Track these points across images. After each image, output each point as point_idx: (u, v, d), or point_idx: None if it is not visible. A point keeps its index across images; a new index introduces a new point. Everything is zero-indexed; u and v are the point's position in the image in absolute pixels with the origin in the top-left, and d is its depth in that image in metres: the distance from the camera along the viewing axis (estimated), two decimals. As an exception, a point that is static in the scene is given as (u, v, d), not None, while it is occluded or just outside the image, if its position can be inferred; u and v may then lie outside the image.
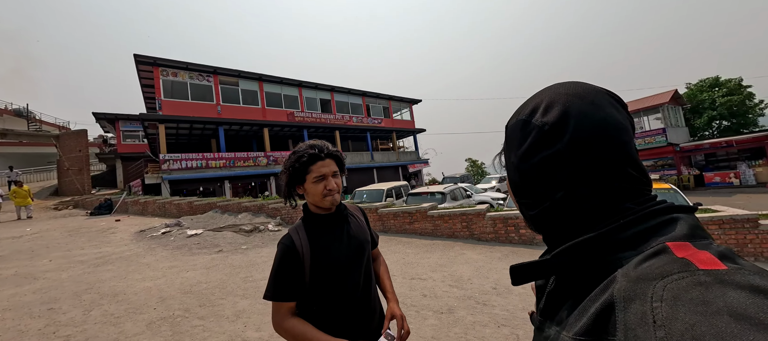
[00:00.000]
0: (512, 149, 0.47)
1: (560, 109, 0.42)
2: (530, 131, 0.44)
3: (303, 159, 1.06)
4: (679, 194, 6.49)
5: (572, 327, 0.34)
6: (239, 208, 9.65)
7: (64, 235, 8.26)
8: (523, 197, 0.48)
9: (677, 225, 0.35)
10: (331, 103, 21.32)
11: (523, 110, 0.47)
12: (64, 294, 4.00)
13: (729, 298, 0.24)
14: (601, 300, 0.32)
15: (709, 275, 0.27)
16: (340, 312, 1.06)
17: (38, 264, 5.46)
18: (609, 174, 0.40)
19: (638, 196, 0.40)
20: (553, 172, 0.41)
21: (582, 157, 0.40)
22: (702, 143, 16.55)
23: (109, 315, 3.32)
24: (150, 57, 14.34)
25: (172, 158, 14.07)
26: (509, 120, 0.50)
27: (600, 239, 0.37)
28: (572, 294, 0.38)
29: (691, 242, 0.32)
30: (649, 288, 0.28)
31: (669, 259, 0.30)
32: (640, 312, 0.27)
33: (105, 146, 24.40)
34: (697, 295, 0.25)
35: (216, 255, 5.78)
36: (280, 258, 1.02)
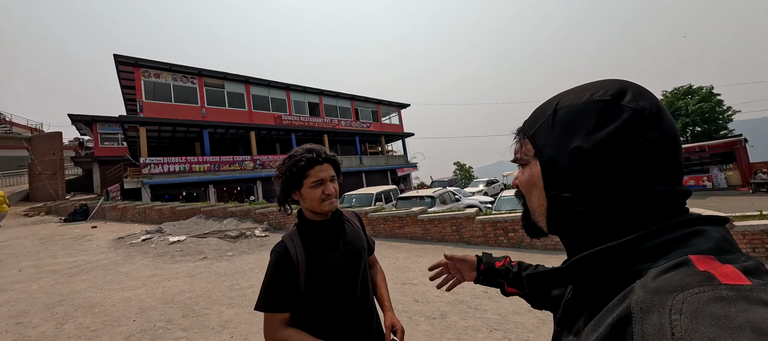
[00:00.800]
0: (578, 131, 0.39)
1: (653, 99, 0.39)
2: (620, 113, 0.37)
3: (301, 163, 1.02)
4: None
5: (588, 337, 0.34)
6: (225, 213, 9.40)
7: (36, 243, 7.81)
8: (573, 190, 0.40)
9: (702, 238, 0.34)
10: (320, 106, 21.18)
11: (595, 92, 0.40)
12: (35, 306, 3.76)
13: (752, 315, 0.23)
14: (618, 311, 0.31)
15: (733, 290, 0.26)
16: (337, 321, 1.02)
17: (6, 275, 5.13)
18: (677, 177, 0.39)
19: (680, 204, 0.39)
20: (638, 164, 0.36)
21: (669, 154, 0.37)
22: (677, 147, 17.34)
23: (84, 329, 3.13)
24: (131, 58, 13.88)
25: (154, 162, 13.59)
26: (560, 102, 0.43)
27: (621, 249, 0.36)
28: (589, 304, 0.37)
29: (716, 256, 0.31)
30: (669, 300, 0.27)
31: (690, 272, 0.30)
32: (658, 324, 0.26)
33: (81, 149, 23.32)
34: (718, 310, 0.25)
35: (200, 263, 5.59)
36: (274, 267, 0.98)
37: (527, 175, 0.46)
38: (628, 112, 0.37)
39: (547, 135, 0.43)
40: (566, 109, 0.42)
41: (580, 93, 0.42)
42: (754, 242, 4.15)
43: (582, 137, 0.39)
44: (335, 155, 1.12)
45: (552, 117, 0.43)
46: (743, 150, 15.20)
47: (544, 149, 0.43)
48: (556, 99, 0.44)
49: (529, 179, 0.45)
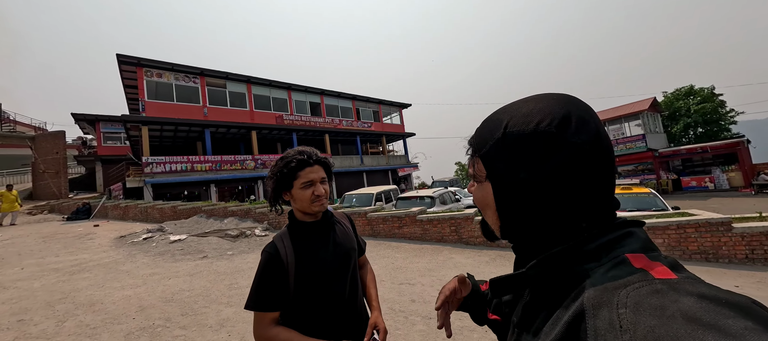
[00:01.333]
0: (523, 162, 0.41)
1: (593, 125, 0.41)
2: (561, 147, 0.39)
3: (291, 164, 1.05)
4: (658, 198, 6.72)
5: (547, 336, 0.36)
6: (225, 213, 9.44)
7: (38, 241, 7.88)
8: (521, 214, 0.43)
9: (633, 238, 0.39)
10: (321, 106, 21.21)
11: (540, 120, 0.41)
12: (36, 304, 3.81)
13: (681, 304, 0.27)
14: (572, 308, 0.34)
15: (664, 284, 0.31)
16: (326, 320, 1.04)
17: (8, 273, 5.19)
18: (609, 190, 0.42)
19: (611, 212, 0.43)
20: (575, 190, 0.39)
21: (602, 174, 0.40)
22: (679, 148, 17.23)
23: (84, 326, 3.17)
24: (134, 57, 13.96)
25: (156, 161, 13.66)
26: (510, 124, 0.43)
27: (570, 251, 0.39)
28: (546, 305, 0.40)
29: (646, 254, 0.36)
30: (615, 296, 0.31)
31: (629, 270, 0.34)
32: (608, 318, 0.30)
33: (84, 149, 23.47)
34: (655, 301, 0.28)
35: (200, 262, 5.63)
36: (263, 267, 1.00)
37: (481, 195, 0.48)
38: (571, 148, 0.39)
39: (497, 159, 0.44)
40: (515, 135, 0.42)
41: (527, 117, 0.42)
42: (753, 243, 4.14)
43: (530, 168, 0.40)
44: (327, 158, 1.14)
45: (501, 140, 0.43)
46: (745, 151, 15.11)
47: (494, 173, 0.45)
48: (504, 119, 0.44)
49: (483, 199, 0.48)
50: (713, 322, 0.25)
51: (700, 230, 4.43)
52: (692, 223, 4.47)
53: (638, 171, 17.76)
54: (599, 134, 0.41)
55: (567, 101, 0.43)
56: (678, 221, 4.56)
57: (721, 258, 4.30)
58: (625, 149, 17.77)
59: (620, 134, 18.71)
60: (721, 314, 0.25)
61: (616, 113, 18.77)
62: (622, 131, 18.66)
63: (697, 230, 4.45)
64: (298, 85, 19.74)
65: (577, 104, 0.43)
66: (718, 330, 0.24)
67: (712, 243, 4.35)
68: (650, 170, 17.29)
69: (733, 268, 4.11)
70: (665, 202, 6.59)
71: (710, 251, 4.36)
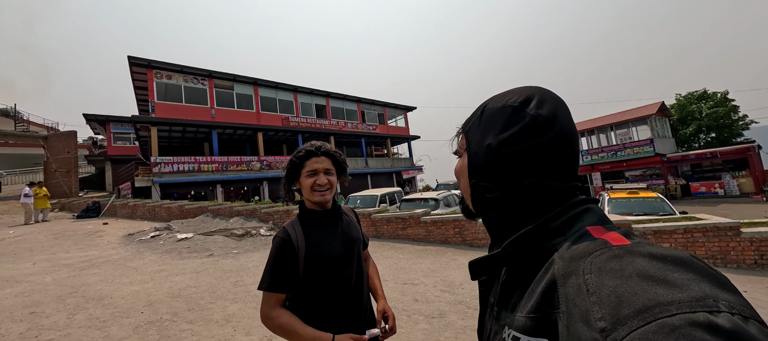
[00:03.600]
0: (491, 131, 0.48)
1: (552, 107, 0.46)
2: (521, 118, 0.46)
3: (300, 154, 1.12)
4: (665, 202, 6.66)
5: (524, 308, 0.39)
6: (231, 212, 9.55)
7: (49, 238, 8.06)
8: (486, 180, 0.49)
9: (591, 213, 0.43)
10: (327, 108, 21.35)
11: (510, 98, 0.48)
12: (48, 297, 3.90)
13: (636, 264, 0.31)
14: (545, 280, 0.38)
15: (621, 249, 0.34)
16: (333, 306, 1.08)
17: (21, 267, 5.32)
18: (570, 172, 0.47)
19: (573, 192, 0.47)
20: (531, 160, 0.45)
21: (559, 154, 0.46)
22: (688, 153, 16.98)
23: (94, 319, 3.25)
24: (144, 59, 14.23)
25: (164, 161, 13.88)
26: (488, 104, 0.51)
27: (538, 229, 0.43)
28: (521, 282, 0.43)
29: (603, 226, 0.41)
30: (581, 264, 0.35)
31: (590, 240, 0.38)
32: (576, 284, 0.33)
33: (95, 148, 23.93)
34: (614, 265, 0.32)
35: (206, 259, 5.71)
36: (276, 251, 1.05)
37: (459, 164, 0.55)
38: (528, 118, 0.46)
39: (474, 133, 0.51)
40: (489, 111, 0.50)
41: (501, 98, 0.50)
42: (762, 249, 4.09)
43: (492, 136, 0.48)
44: (337, 151, 1.18)
45: (479, 117, 0.51)
46: (756, 157, 14.83)
47: (471, 144, 0.52)
48: (486, 102, 0.53)
49: (460, 168, 0.54)
50: (662, 276, 0.29)
51: (708, 234, 4.37)
52: (700, 227, 4.42)
53: (646, 176, 17.52)
54: (556, 114, 0.46)
55: (536, 88, 0.50)
56: (685, 225, 4.51)
57: (729, 263, 4.24)
58: (632, 154, 17.56)
59: (628, 138, 18.47)
60: (668, 269, 0.30)
61: (623, 117, 18.56)
62: (630, 135, 18.44)
63: (704, 234, 4.40)
64: (304, 87, 19.92)
65: (544, 91, 0.50)
66: (667, 282, 0.28)
67: (720, 248, 4.30)
68: (658, 174, 17.05)
69: (741, 273, 4.05)
70: (672, 206, 6.52)
71: (718, 256, 4.31)
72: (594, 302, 0.30)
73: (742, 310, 0.26)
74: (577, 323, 0.31)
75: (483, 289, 0.53)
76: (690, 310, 0.25)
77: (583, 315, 0.30)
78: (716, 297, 0.27)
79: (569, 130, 0.47)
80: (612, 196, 7.33)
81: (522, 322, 0.39)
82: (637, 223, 4.89)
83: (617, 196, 7.27)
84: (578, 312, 0.31)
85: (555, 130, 0.45)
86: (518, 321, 0.39)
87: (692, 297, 0.26)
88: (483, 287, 0.54)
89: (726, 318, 0.25)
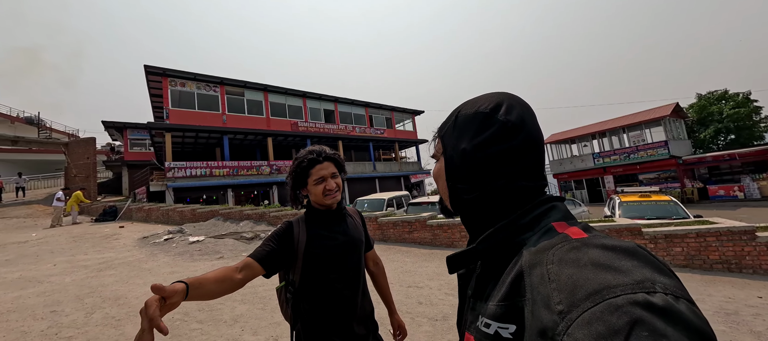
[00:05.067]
0: (465, 136, 0.52)
1: (519, 113, 0.51)
2: (492, 124, 0.50)
3: (303, 164, 1.17)
4: (679, 206, 6.50)
5: (495, 297, 0.44)
6: (241, 216, 9.74)
7: (69, 241, 8.38)
8: (462, 182, 0.52)
9: (556, 211, 0.48)
10: (335, 113, 21.60)
11: (481, 105, 0.52)
12: (67, 297, 4.08)
13: (590, 254, 0.35)
14: (514, 271, 0.42)
15: (579, 241, 0.39)
16: (332, 299, 1.13)
17: (42, 268, 5.56)
18: (537, 172, 0.51)
19: (541, 191, 0.52)
20: (502, 163, 0.49)
21: (527, 156, 0.50)
22: (705, 155, 16.47)
23: (110, 318, 3.38)
24: (159, 68, 14.73)
25: (177, 166, 14.28)
26: (461, 110, 0.55)
27: (510, 225, 0.48)
28: (494, 274, 0.47)
29: (566, 222, 0.45)
30: (544, 256, 0.39)
31: (554, 235, 0.43)
32: (540, 273, 0.37)
33: (112, 154, 24.78)
34: (572, 256, 0.36)
35: (217, 262, 5.85)
36: (275, 232, 1.13)
37: (437, 167, 0.58)
38: (497, 124, 0.50)
39: (450, 137, 0.55)
40: (462, 117, 0.54)
41: (473, 104, 0.54)
42: (779, 254, 3.95)
43: (466, 140, 0.51)
44: (336, 153, 1.23)
45: (454, 122, 0.55)
46: (779, 159, 14.29)
47: (447, 148, 0.55)
48: (459, 108, 0.56)
49: (438, 171, 0.58)
50: (611, 264, 0.33)
51: (722, 238, 4.26)
52: (713, 231, 4.31)
53: (661, 179, 17.05)
54: (523, 119, 0.50)
55: (505, 94, 0.54)
56: (698, 229, 4.40)
57: (744, 268, 4.12)
58: (646, 156, 17.13)
59: (641, 140, 18.04)
60: (617, 257, 0.34)
61: (635, 119, 18.16)
62: (643, 137, 18.00)
63: (718, 238, 4.28)
64: (313, 92, 20.23)
65: (512, 97, 0.54)
66: (615, 269, 0.33)
67: (734, 253, 4.18)
68: (674, 177, 16.58)
69: (757, 278, 3.93)
70: (687, 210, 6.36)
71: (733, 261, 4.18)
72: (554, 288, 0.34)
73: (674, 291, 0.30)
74: (540, 308, 0.35)
75: (461, 283, 0.58)
76: (631, 291, 0.30)
77: (544, 300, 0.35)
78: (654, 280, 0.31)
79: (536, 134, 0.51)
80: (623, 199, 7.19)
81: (493, 310, 0.42)
82: (648, 227, 4.79)
83: (629, 199, 7.13)
84: (541, 298, 0.35)
85: (523, 134, 0.49)
86: (490, 309, 0.43)
87: (634, 281, 0.31)
88: (461, 281, 0.58)
89: (660, 298, 0.29)
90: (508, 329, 0.40)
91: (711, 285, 3.78)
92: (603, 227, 4.99)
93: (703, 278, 4.07)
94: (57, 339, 2.95)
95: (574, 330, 0.30)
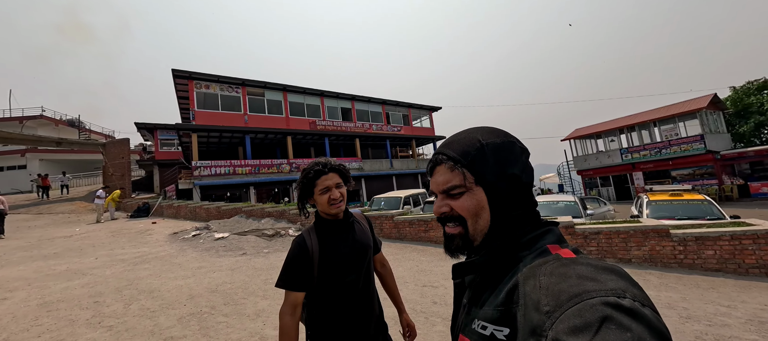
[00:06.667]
0: (511, 163, 0.55)
1: (521, 146, 0.59)
2: (522, 152, 0.57)
3: (309, 175, 1.25)
4: (713, 205, 6.12)
5: (492, 303, 0.51)
6: (262, 213, 10.11)
7: (108, 235, 9.04)
8: (516, 209, 0.56)
9: (551, 234, 0.55)
10: (352, 111, 21.80)
11: (501, 136, 0.58)
12: (108, 288, 4.44)
13: (576, 269, 0.43)
14: (510, 283, 0.50)
15: (568, 260, 0.47)
16: (342, 304, 1.21)
17: (86, 261, 6.06)
18: (533, 197, 0.59)
19: (536, 213, 0.59)
20: (529, 189, 0.57)
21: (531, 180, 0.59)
22: (746, 150, 15.29)
23: (145, 310, 3.66)
24: (186, 71, 15.44)
25: (203, 165, 14.97)
26: (487, 139, 0.55)
27: (511, 243, 0.55)
28: (490, 284, 0.54)
29: (559, 245, 0.53)
30: (538, 270, 0.46)
31: (548, 254, 0.50)
32: (533, 283, 0.45)
33: (144, 154, 26.30)
34: (561, 270, 0.44)
35: (240, 258, 6.13)
36: (293, 254, 1.20)
37: (474, 201, 0.54)
38: (525, 153, 0.59)
39: (485, 165, 0.54)
40: (492, 145, 0.55)
41: (490, 135, 0.57)
42: (826, 259, 3.66)
43: (516, 167, 0.56)
44: (341, 165, 1.31)
45: (481, 151, 0.54)
46: (833, 153, 13.07)
47: (487, 176, 0.54)
48: (476, 136, 0.57)
49: (478, 204, 0.54)
50: (593, 277, 0.40)
51: (759, 241, 4.00)
52: (749, 234, 4.06)
53: (696, 176, 16.01)
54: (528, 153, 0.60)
55: (499, 129, 0.61)
56: (732, 232, 4.15)
57: (785, 274, 3.85)
58: (679, 151, 16.12)
59: (674, 134, 16.98)
60: (599, 273, 0.41)
61: (667, 112, 17.10)
62: (676, 131, 16.93)
63: (755, 241, 4.02)
64: (330, 91, 20.50)
65: (507, 134, 0.61)
66: (595, 280, 0.40)
67: (773, 257, 3.91)
68: (710, 174, 15.52)
69: (799, 286, 3.67)
70: (722, 210, 5.98)
71: None
72: (543, 294, 0.41)
73: (642, 300, 0.37)
74: (531, 310, 0.42)
75: (457, 291, 0.64)
76: (605, 295, 0.37)
77: (535, 303, 0.41)
78: (626, 289, 0.38)
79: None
80: (652, 198, 6.83)
81: (489, 313, 0.50)
82: (677, 229, 4.57)
83: (658, 198, 6.76)
84: (532, 302, 0.42)
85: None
86: (486, 313, 0.51)
87: (608, 288, 0.38)
88: (457, 289, 0.64)
89: (628, 302, 0.36)
90: (502, 331, 0.47)
91: (745, 291, 3.57)
92: (626, 228, 4.80)
93: (737, 283, 3.84)
94: (100, 328, 3.24)
95: (557, 326, 0.37)
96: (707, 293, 3.59)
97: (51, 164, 26.48)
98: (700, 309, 3.18)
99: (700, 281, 3.99)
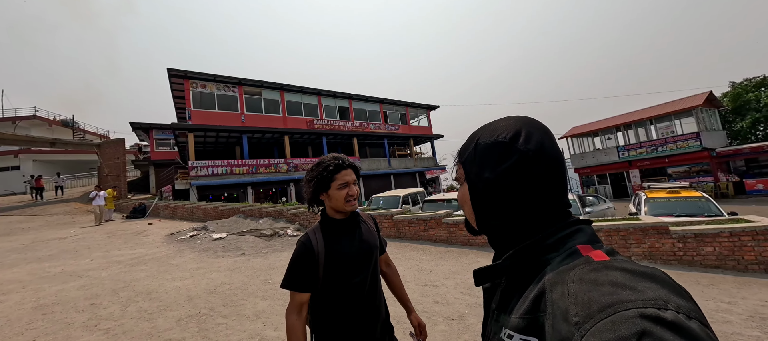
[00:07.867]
0: (487, 165, 0.53)
1: (539, 139, 0.52)
2: (512, 153, 0.51)
3: (329, 168, 1.21)
4: (711, 202, 6.16)
5: (518, 311, 0.47)
6: (261, 213, 10.04)
7: (104, 237, 8.93)
8: (488, 208, 0.54)
9: (581, 233, 0.50)
10: (350, 110, 21.74)
11: (500, 134, 0.53)
12: (104, 290, 4.37)
13: (610, 275, 0.38)
14: (536, 288, 0.45)
15: (600, 264, 0.42)
16: (349, 306, 1.18)
17: (81, 263, 5.97)
18: (560, 194, 0.53)
19: (565, 212, 0.53)
20: (526, 190, 0.50)
21: (549, 180, 0.51)
22: (741, 147, 15.44)
23: (143, 311, 3.61)
24: (181, 70, 15.30)
25: (200, 165, 14.85)
26: (480, 138, 0.56)
27: (535, 245, 0.50)
28: (518, 289, 0.50)
29: (591, 245, 0.47)
30: (566, 276, 0.42)
31: (578, 257, 0.45)
32: (561, 290, 0.40)
33: (140, 154, 26.05)
34: (592, 276, 0.39)
35: (239, 258, 6.08)
36: (297, 254, 1.17)
37: (462, 192, 0.60)
38: (518, 154, 0.51)
39: (471, 165, 0.56)
40: (482, 145, 0.55)
41: (492, 131, 0.55)
42: (824, 255, 3.69)
43: (489, 170, 0.53)
44: (356, 162, 1.31)
45: (474, 150, 0.56)
46: (827, 150, 13.22)
47: (470, 175, 0.57)
48: (478, 134, 0.57)
49: (462, 196, 0.60)
50: (629, 284, 0.36)
51: (758, 238, 4.02)
52: (748, 230, 4.08)
53: (692, 173, 16.14)
54: (543, 145, 0.52)
55: (523, 120, 0.55)
56: (731, 228, 4.17)
57: (784, 270, 3.87)
58: (675, 149, 16.25)
59: (670, 132, 17.12)
60: (635, 280, 0.36)
61: (664, 110, 17.23)
62: (673, 128, 17.07)
63: (754, 238, 4.04)
64: (328, 90, 20.42)
65: (530, 123, 0.55)
66: (631, 288, 0.35)
67: (772, 253, 3.93)
68: (706, 171, 15.66)
69: (798, 281, 3.69)
70: (720, 207, 6.01)
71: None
72: (572, 303, 0.37)
73: (688, 312, 0.32)
74: (559, 321, 0.38)
75: (486, 296, 0.61)
76: (643, 306, 0.32)
77: (563, 313, 0.38)
78: (668, 299, 0.33)
79: (556, 157, 0.52)
80: (650, 195, 6.87)
81: (516, 322, 0.45)
82: (676, 226, 4.58)
83: (656, 196, 6.81)
84: (560, 312, 0.38)
85: (544, 161, 0.50)
86: (513, 322, 0.46)
87: (647, 298, 0.33)
88: (486, 294, 0.61)
89: (671, 314, 0.31)
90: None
91: (745, 288, 3.59)
92: (625, 226, 4.81)
93: (737, 279, 3.86)
94: (97, 331, 3.18)
95: (587, 339, 0.33)
96: (707, 289, 3.60)
97: (45, 165, 26.17)
98: (701, 305, 3.18)
99: (700, 277, 4.00)
